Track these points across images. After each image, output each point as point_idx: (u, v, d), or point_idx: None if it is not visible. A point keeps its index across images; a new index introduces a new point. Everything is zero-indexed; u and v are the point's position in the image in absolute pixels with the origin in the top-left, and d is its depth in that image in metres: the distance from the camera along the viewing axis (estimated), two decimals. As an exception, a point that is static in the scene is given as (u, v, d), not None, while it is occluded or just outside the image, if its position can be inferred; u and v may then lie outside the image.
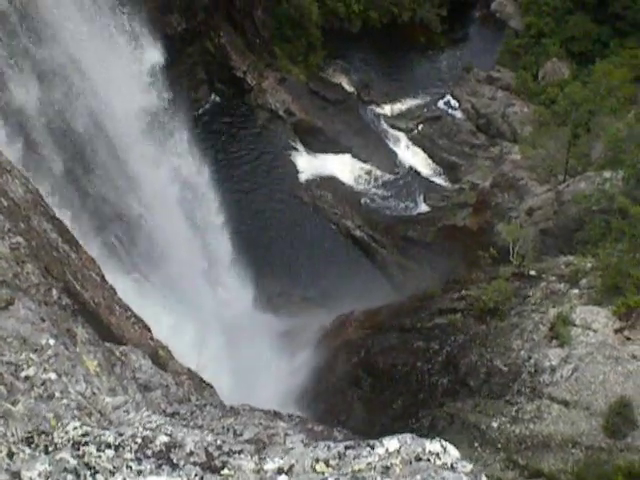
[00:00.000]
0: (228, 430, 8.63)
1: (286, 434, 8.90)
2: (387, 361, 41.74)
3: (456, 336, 38.73)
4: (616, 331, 33.33)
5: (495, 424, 33.30)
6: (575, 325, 34.33)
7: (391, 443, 5.29)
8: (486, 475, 24.20)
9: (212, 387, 23.37)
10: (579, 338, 33.70)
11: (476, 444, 33.38)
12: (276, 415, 11.88)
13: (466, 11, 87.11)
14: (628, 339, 32.91)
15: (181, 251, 44.49)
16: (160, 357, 22.52)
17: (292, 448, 5.83)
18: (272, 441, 8.64)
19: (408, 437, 5.40)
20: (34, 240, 17.64)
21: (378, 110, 74.16)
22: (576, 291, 37.01)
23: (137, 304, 28.41)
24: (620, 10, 75.10)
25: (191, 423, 9.39)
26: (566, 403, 31.97)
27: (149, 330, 26.40)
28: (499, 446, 32.57)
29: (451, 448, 5.29)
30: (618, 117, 50.82)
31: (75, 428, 5.52)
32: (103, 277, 26.54)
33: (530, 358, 34.31)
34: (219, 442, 5.46)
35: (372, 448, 5.29)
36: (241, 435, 8.41)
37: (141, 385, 11.50)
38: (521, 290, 38.76)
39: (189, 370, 23.60)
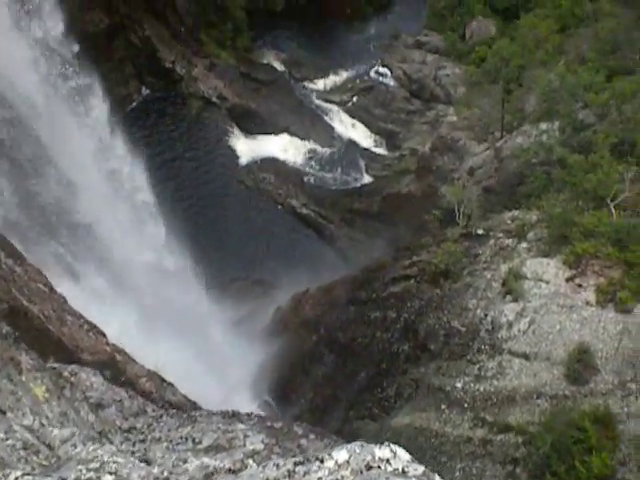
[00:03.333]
0: (187, 439, 8.51)
1: (245, 435, 8.82)
2: (347, 335, 41.88)
3: (412, 302, 38.94)
4: (567, 280, 33.75)
5: (459, 384, 33.59)
6: (527, 278, 34.70)
7: (340, 454, 5.19)
8: (456, 435, 24.12)
9: (173, 385, 23.16)
10: (532, 290, 34.08)
11: (443, 406, 33.68)
12: (234, 417, 11.76)
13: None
14: (580, 286, 33.35)
15: (126, 250, 43.97)
16: (118, 362, 22.27)
17: (242, 468, 5.72)
18: (232, 445, 8.54)
19: (357, 446, 5.32)
20: (-27, 261, 17.22)
21: (311, 86, 73.89)
22: (524, 245, 37.36)
23: (88, 309, 28.09)
24: (541, -39, 75.58)
25: (149, 436, 9.25)
26: (526, 356, 32.33)
27: (104, 335, 26.07)
28: (466, 405, 32.87)
29: (401, 452, 5.21)
30: (548, 68, 51.16)
31: (16, 478, 5.32)
32: (52, 287, 26.14)
33: (487, 316, 34.62)
34: (166, 474, 5.31)
35: (322, 462, 5.18)
36: (200, 443, 8.30)
37: (93, 404, 11.28)
38: (471, 249, 39.04)
39: (149, 371, 23.36)
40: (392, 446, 5.30)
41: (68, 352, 19.81)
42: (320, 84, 74.20)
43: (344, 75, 75.35)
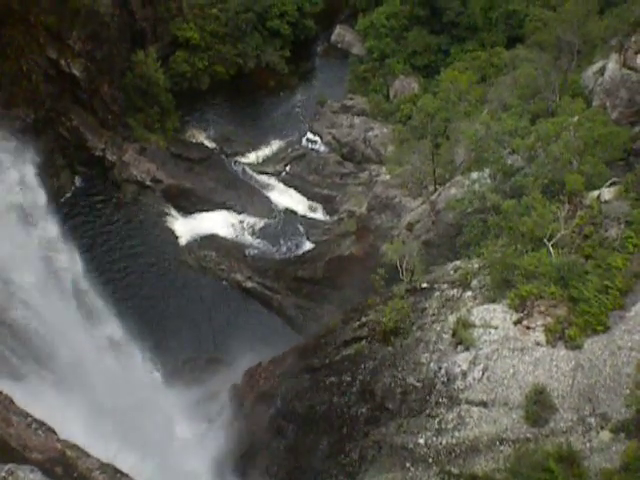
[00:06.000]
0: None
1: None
2: (304, 404, 41.36)
3: (365, 363, 38.69)
4: (516, 323, 33.87)
5: (422, 440, 33.23)
6: (476, 326, 34.74)
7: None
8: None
9: (128, 476, 22.49)
10: (482, 338, 34.08)
11: (408, 464, 33.23)
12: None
13: (309, 48, 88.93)
14: (528, 328, 33.48)
15: (73, 344, 43.09)
16: (68, 458, 21.59)
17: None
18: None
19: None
20: None
21: (244, 160, 74.44)
22: (469, 293, 37.55)
23: (37, 407, 27.34)
24: (454, 17, 78.02)
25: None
26: (484, 403, 32.20)
27: (54, 432, 25.34)
28: (430, 461, 32.47)
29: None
30: (473, 119, 52.00)
31: None
32: (-3, 390, 25.47)
33: (440, 368, 34.48)
34: None
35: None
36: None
37: (31, 502, 10.85)
38: (417, 304, 39.08)
39: (102, 464, 22.67)
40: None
41: (14, 453, 19.17)
42: (252, 157, 74.86)
43: (275, 146, 76.24)
